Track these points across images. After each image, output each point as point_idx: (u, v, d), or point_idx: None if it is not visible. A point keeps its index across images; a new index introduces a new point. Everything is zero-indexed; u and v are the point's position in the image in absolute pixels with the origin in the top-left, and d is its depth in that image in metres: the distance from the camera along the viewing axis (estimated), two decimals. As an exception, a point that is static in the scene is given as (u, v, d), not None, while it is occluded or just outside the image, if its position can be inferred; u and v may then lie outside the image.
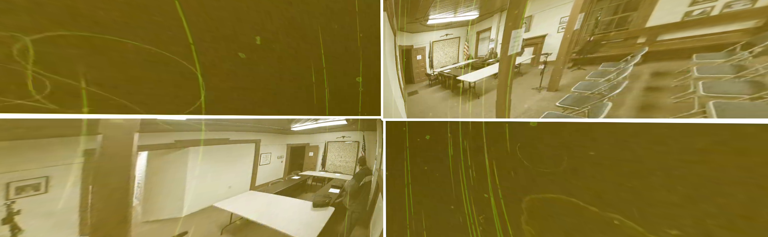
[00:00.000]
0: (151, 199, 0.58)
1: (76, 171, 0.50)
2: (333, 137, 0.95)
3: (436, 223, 0.90)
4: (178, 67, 0.60)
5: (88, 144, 0.51)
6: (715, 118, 0.48)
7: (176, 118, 0.61)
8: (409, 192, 0.97)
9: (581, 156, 0.61)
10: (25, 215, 0.46)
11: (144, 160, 0.57)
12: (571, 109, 0.65)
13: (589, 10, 0.62)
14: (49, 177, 0.48)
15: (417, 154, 0.96)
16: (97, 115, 0.52)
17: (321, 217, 0.88)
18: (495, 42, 0.80)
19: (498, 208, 0.75)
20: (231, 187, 0.71)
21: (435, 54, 0.96)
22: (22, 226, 0.46)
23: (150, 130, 0.58)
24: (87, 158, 0.51)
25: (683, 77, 0.51)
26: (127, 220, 0.55)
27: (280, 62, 0.78)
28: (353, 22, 0.96)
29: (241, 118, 0.71)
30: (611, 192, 0.57)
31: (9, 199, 0.45)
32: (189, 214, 0.64)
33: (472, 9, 0.84)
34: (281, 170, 0.83)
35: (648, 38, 0.55)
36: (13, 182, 0.45)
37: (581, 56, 0.64)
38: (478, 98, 0.83)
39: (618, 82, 0.58)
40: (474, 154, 0.80)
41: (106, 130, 0.53)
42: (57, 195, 0.48)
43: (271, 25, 0.75)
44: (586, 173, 0.60)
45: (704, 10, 0.49)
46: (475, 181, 0.80)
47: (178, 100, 0.61)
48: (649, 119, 0.54)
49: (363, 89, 1.00)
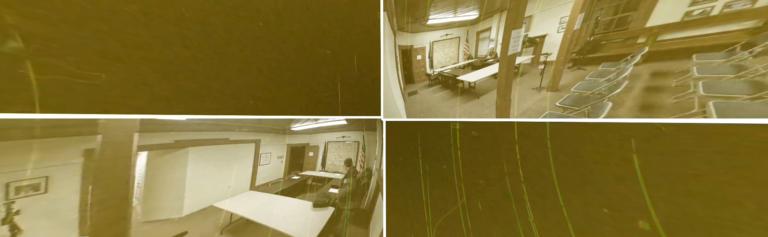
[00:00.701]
0: (151, 199, 0.58)
1: (76, 171, 0.50)
2: (333, 137, 0.95)
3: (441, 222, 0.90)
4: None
5: (88, 144, 0.51)
6: (715, 118, 0.48)
7: (176, 118, 0.61)
8: (426, 186, 0.97)
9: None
10: (24, 215, 0.46)
11: (144, 160, 0.57)
12: (571, 109, 0.65)
13: (589, 10, 0.62)
14: (48, 177, 0.48)
15: (426, 153, 0.96)
16: (98, 115, 0.52)
17: (321, 217, 0.88)
18: (495, 42, 0.80)
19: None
20: (231, 187, 0.71)
21: (435, 54, 0.96)
22: (21, 226, 0.46)
23: (150, 130, 0.58)
24: (87, 158, 0.51)
25: (683, 77, 0.51)
26: (126, 220, 0.55)
27: (280, 62, 0.77)
28: (353, 22, 0.96)
29: (241, 118, 0.71)
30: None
31: (9, 199, 0.45)
32: (189, 214, 0.64)
33: (472, 9, 0.84)
34: (281, 170, 0.83)
35: (648, 38, 0.55)
36: (13, 182, 0.45)
37: (581, 56, 0.64)
38: (478, 98, 0.83)
39: (618, 82, 0.58)
40: (474, 154, 0.80)
41: (106, 130, 0.53)
42: (57, 195, 0.48)
43: (271, 25, 0.75)
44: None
45: (704, 10, 0.49)
46: (469, 181, 0.80)
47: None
48: (650, 119, 0.54)
49: (363, 89, 1.00)
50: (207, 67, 0.64)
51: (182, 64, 0.61)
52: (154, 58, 0.57)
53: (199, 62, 0.63)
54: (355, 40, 0.97)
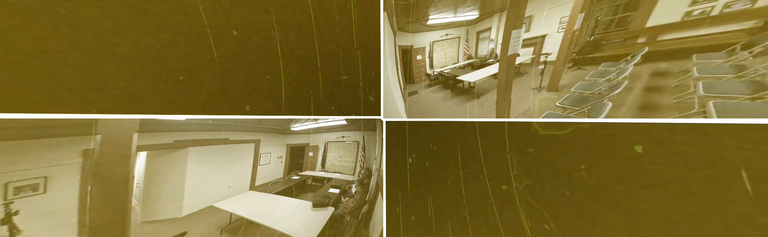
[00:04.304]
0: (151, 199, 0.58)
1: (75, 171, 0.50)
2: (333, 137, 0.95)
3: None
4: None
5: (87, 144, 0.51)
6: (715, 118, 0.48)
7: (176, 118, 0.61)
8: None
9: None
10: (23, 215, 0.46)
11: (143, 160, 0.57)
12: (571, 109, 0.65)
13: (589, 10, 0.62)
14: (47, 177, 0.48)
15: (423, 153, 0.96)
16: (98, 115, 0.52)
17: (321, 217, 0.88)
18: (495, 42, 0.80)
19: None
20: (231, 187, 0.71)
21: (435, 54, 0.96)
22: (20, 227, 0.45)
23: (149, 130, 0.58)
24: (86, 158, 0.50)
25: (683, 77, 0.51)
26: (126, 221, 0.55)
27: (279, 62, 0.77)
28: (352, 22, 0.96)
29: (241, 118, 0.71)
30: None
31: (7, 200, 0.44)
32: (188, 214, 0.63)
33: (472, 9, 0.84)
34: (281, 170, 0.82)
35: (648, 38, 0.55)
36: (12, 182, 0.45)
37: (581, 56, 0.64)
38: (478, 98, 0.83)
39: (618, 82, 0.58)
40: (474, 154, 0.80)
41: (106, 130, 0.52)
42: (56, 195, 0.48)
43: (269, 24, 0.75)
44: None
45: (704, 10, 0.49)
46: (474, 181, 0.80)
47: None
48: (649, 119, 0.54)
49: (363, 89, 1.00)
50: (207, 68, 0.64)
51: (182, 64, 0.61)
52: (155, 58, 0.57)
53: (200, 63, 0.63)
54: (355, 40, 0.97)
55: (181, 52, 0.61)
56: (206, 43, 0.64)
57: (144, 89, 0.56)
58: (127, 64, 0.54)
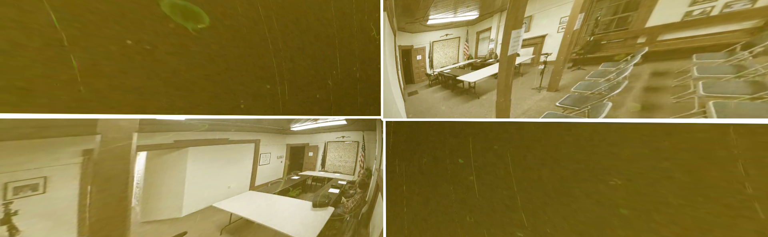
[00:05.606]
0: (150, 199, 0.58)
1: (75, 171, 0.50)
2: (333, 137, 0.95)
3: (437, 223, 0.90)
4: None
5: (86, 144, 0.51)
6: (715, 118, 0.48)
7: (176, 118, 0.61)
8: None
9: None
10: (22, 216, 0.45)
11: (143, 160, 0.57)
12: (571, 109, 0.65)
13: (589, 10, 0.62)
14: (47, 177, 0.48)
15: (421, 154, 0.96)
16: (98, 115, 0.52)
17: (321, 217, 0.88)
18: (495, 42, 0.80)
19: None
20: (230, 187, 0.71)
21: (435, 54, 0.96)
22: (19, 227, 0.45)
23: (149, 130, 0.57)
24: (86, 158, 0.50)
25: (683, 77, 0.51)
26: (125, 221, 0.55)
27: (278, 62, 0.77)
28: (352, 22, 0.96)
29: (240, 118, 0.71)
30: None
31: (7, 200, 0.44)
32: (188, 214, 0.63)
33: (472, 9, 0.84)
34: (281, 170, 0.82)
35: (648, 38, 0.55)
36: (11, 182, 0.45)
37: (581, 56, 0.64)
38: (478, 98, 0.83)
39: (618, 82, 0.58)
40: (474, 154, 0.80)
41: (105, 130, 0.52)
42: (55, 195, 0.48)
43: (270, 24, 0.75)
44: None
45: (704, 10, 0.49)
46: (480, 182, 0.80)
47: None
48: (649, 119, 0.54)
49: (363, 89, 0.99)
50: (207, 68, 0.64)
51: (183, 65, 0.61)
52: (155, 58, 0.57)
53: (200, 63, 0.63)
54: (355, 40, 0.97)
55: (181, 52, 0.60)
56: (204, 42, 0.64)
57: (144, 89, 0.56)
58: (126, 64, 0.54)
